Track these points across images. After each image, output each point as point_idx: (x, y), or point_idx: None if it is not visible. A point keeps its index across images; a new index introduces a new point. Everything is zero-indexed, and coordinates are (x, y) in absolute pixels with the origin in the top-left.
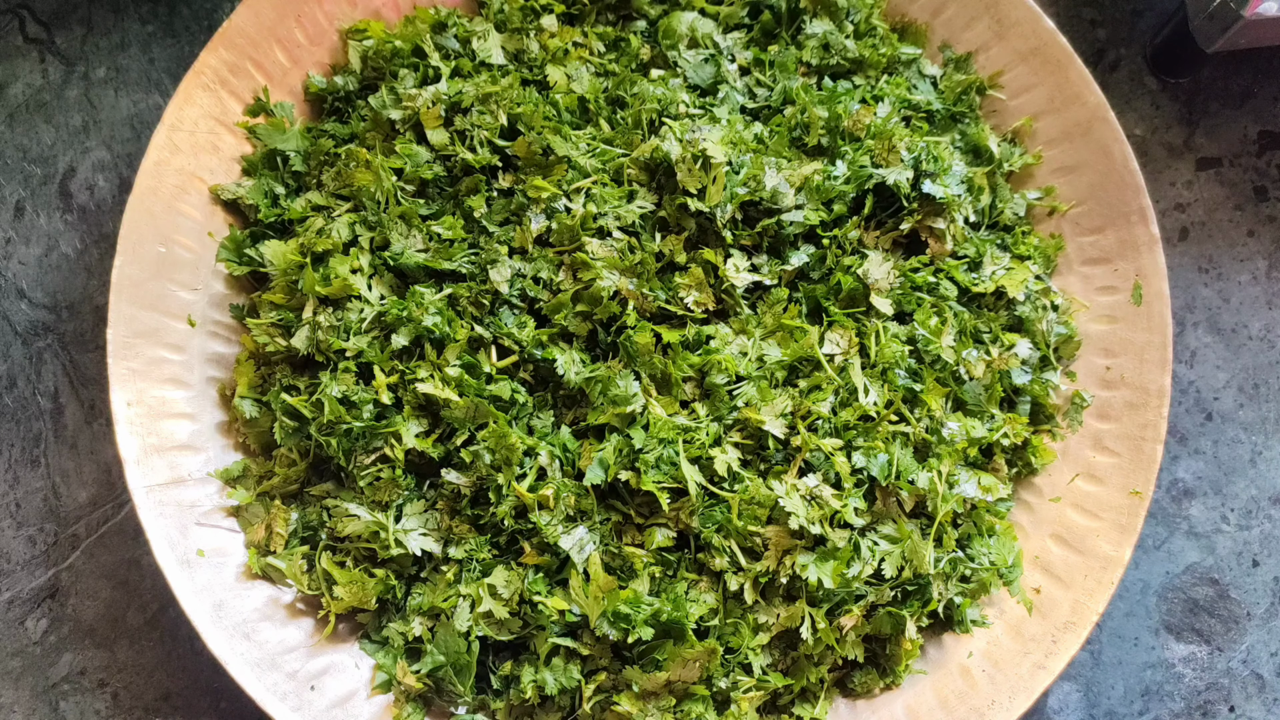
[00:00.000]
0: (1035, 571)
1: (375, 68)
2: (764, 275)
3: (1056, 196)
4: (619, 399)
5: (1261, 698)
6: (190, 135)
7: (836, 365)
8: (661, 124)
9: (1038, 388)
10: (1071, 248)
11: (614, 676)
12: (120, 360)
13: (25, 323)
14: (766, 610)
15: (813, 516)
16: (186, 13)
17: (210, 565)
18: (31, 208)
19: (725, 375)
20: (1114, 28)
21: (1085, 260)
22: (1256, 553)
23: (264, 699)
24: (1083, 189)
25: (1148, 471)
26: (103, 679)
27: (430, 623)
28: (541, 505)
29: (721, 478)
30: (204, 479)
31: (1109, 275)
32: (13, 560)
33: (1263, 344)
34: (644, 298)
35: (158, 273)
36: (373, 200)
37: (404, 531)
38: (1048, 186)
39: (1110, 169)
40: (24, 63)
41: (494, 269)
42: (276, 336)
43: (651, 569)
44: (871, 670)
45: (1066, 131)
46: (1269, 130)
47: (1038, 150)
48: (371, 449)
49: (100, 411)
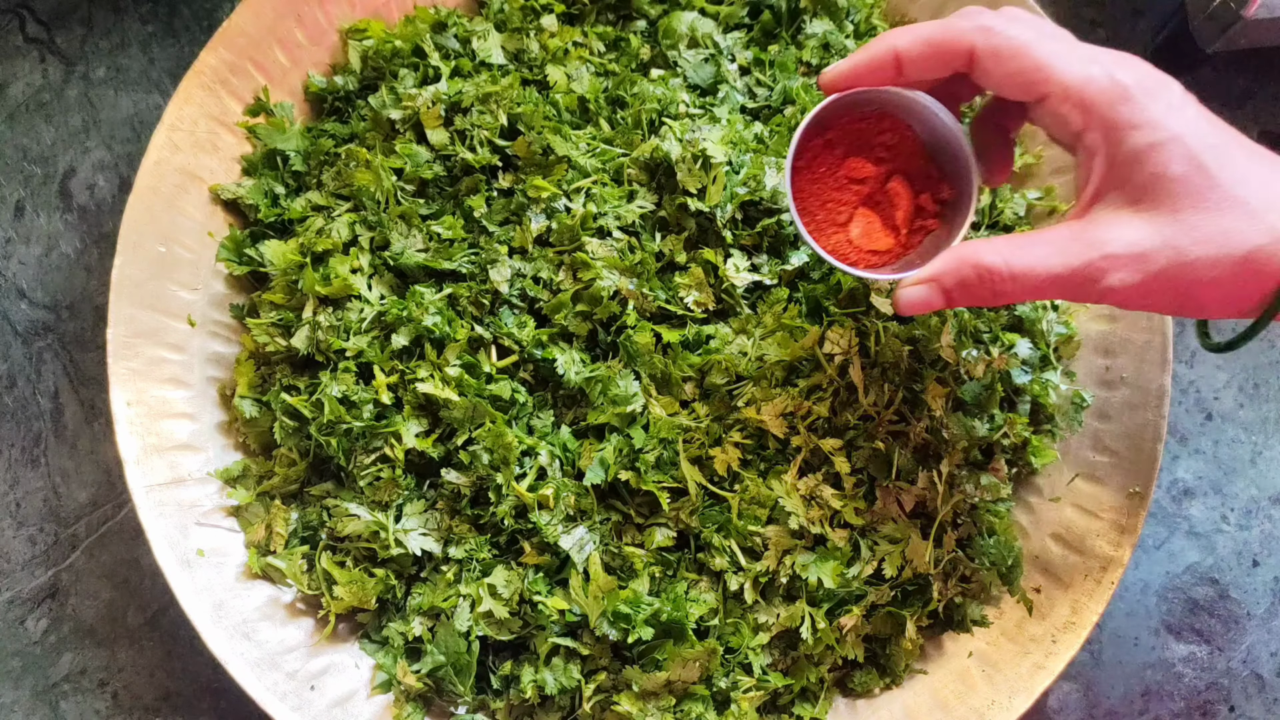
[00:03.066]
0: (1035, 571)
1: (375, 68)
2: (764, 275)
3: (1056, 196)
4: (619, 399)
5: (1261, 698)
6: (190, 135)
7: (836, 365)
8: (661, 124)
9: (1038, 388)
10: None
11: (614, 676)
12: (120, 360)
13: (25, 323)
14: (766, 610)
15: (813, 516)
16: (186, 13)
17: (210, 565)
18: (31, 208)
19: (725, 375)
20: (1114, 28)
21: None
22: (1256, 553)
23: (264, 699)
24: None
25: (1148, 471)
26: (103, 679)
27: (430, 623)
28: (541, 505)
29: (721, 478)
30: (204, 479)
31: None
32: (13, 560)
33: (1263, 344)
34: (644, 298)
35: (158, 273)
36: (373, 200)
37: (404, 531)
38: (1048, 186)
39: None
40: (24, 63)
41: (494, 269)
42: (276, 336)
43: (651, 569)
44: (871, 670)
45: None
46: (1269, 130)
47: (1038, 150)
48: (371, 449)
49: (100, 411)
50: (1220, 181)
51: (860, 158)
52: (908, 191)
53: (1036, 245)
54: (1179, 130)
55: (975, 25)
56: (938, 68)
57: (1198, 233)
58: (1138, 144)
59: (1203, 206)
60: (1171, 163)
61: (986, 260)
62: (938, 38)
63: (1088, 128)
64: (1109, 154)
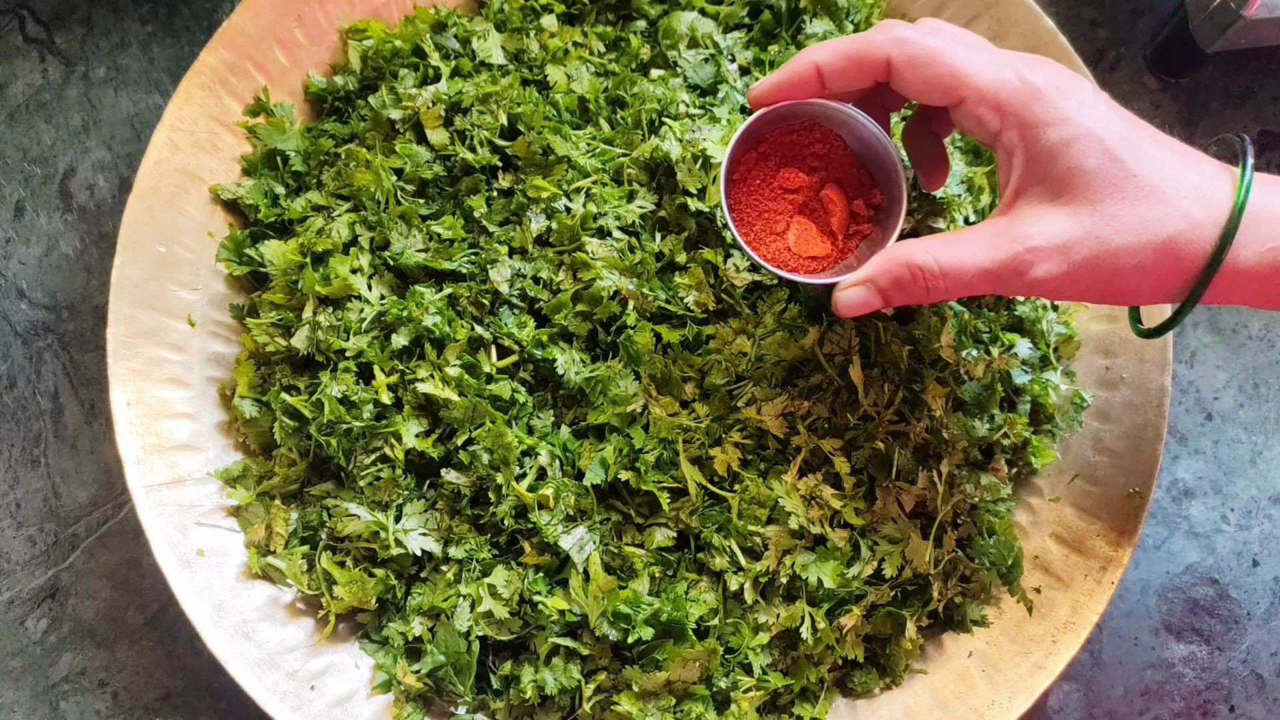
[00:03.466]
0: (1035, 571)
1: (375, 68)
2: (764, 275)
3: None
4: (619, 399)
5: (1261, 698)
6: (190, 135)
7: (836, 365)
8: (661, 124)
9: (1038, 388)
10: None
11: (614, 676)
12: (120, 360)
13: (25, 323)
14: (766, 610)
15: (813, 516)
16: (186, 13)
17: (210, 565)
18: (31, 208)
19: (725, 375)
20: (1114, 28)
21: None
22: (1256, 553)
23: (264, 699)
24: None
25: (1148, 471)
26: (103, 679)
27: (430, 623)
28: (541, 505)
29: (721, 478)
30: (204, 479)
31: None
32: (13, 560)
33: (1263, 344)
34: (644, 298)
35: (158, 273)
36: (373, 200)
37: (404, 531)
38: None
39: None
40: (24, 63)
41: (494, 269)
42: (276, 336)
43: (651, 569)
44: (871, 670)
45: None
46: (1269, 130)
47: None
48: (371, 449)
49: (100, 411)
50: (1136, 172)
51: (793, 168)
52: (841, 198)
53: (965, 243)
54: (1091, 125)
55: (890, 37)
56: (858, 79)
57: (1117, 222)
58: (1053, 140)
59: (1120, 197)
60: (1087, 156)
61: (918, 259)
62: (854, 50)
63: (1004, 127)
64: (1026, 151)
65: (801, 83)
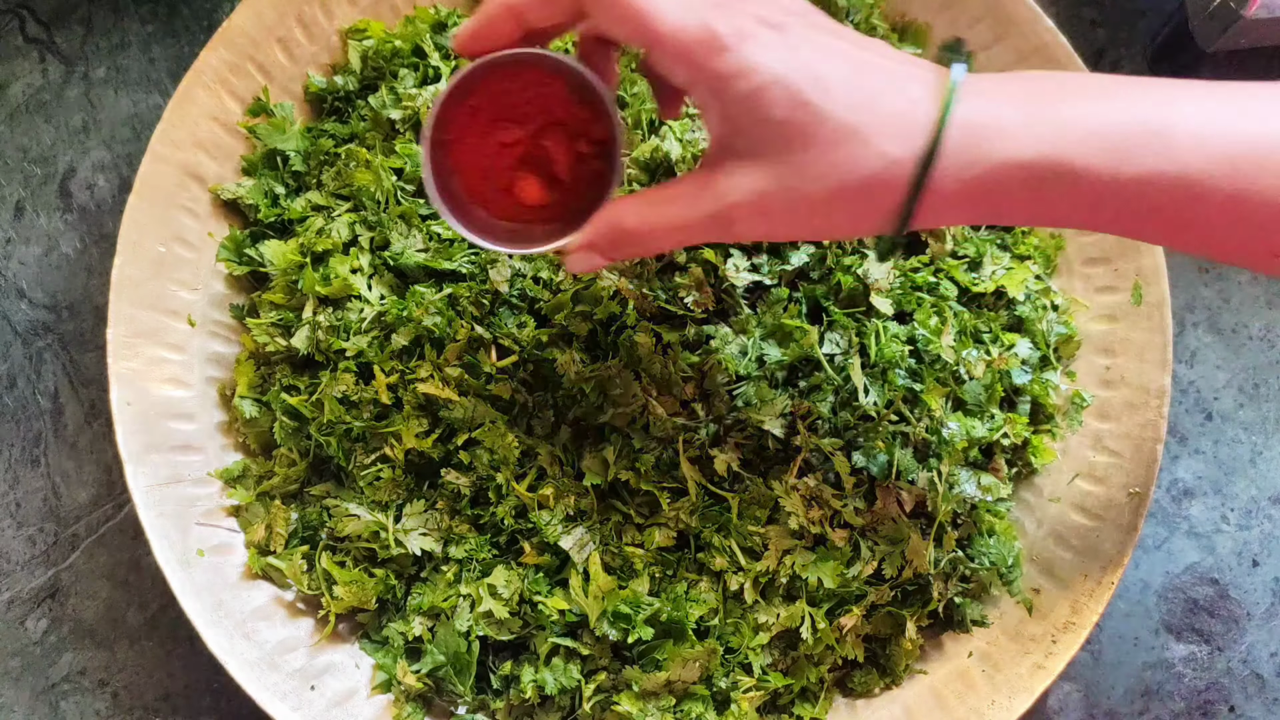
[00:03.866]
0: (1035, 571)
1: (375, 67)
2: (764, 275)
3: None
4: (619, 399)
5: (1261, 698)
6: (190, 135)
7: (836, 365)
8: (661, 124)
9: (1038, 388)
10: (1071, 247)
11: (614, 676)
12: (120, 360)
13: (25, 323)
14: (766, 610)
15: (813, 516)
16: (186, 13)
17: (210, 565)
18: (31, 208)
19: (725, 375)
20: (1114, 28)
21: (1085, 260)
22: (1256, 553)
23: (264, 699)
24: None
25: (1148, 471)
26: (103, 679)
27: (430, 623)
28: (541, 505)
29: (721, 478)
30: (204, 479)
31: (1109, 275)
32: (13, 560)
33: (1263, 344)
34: (644, 298)
35: (158, 273)
36: (373, 200)
37: (404, 531)
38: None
39: None
40: (24, 63)
41: (494, 269)
42: (276, 336)
43: (651, 569)
44: (871, 670)
45: None
46: None
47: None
48: (371, 449)
49: (100, 411)
50: (829, 114)
51: (506, 120)
52: (563, 143)
53: (669, 203)
54: (781, 71)
55: None
56: (554, 14)
57: (811, 170)
58: (740, 91)
59: (811, 144)
60: (774, 107)
61: (628, 224)
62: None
63: (693, 81)
64: (718, 107)
65: (499, 22)
